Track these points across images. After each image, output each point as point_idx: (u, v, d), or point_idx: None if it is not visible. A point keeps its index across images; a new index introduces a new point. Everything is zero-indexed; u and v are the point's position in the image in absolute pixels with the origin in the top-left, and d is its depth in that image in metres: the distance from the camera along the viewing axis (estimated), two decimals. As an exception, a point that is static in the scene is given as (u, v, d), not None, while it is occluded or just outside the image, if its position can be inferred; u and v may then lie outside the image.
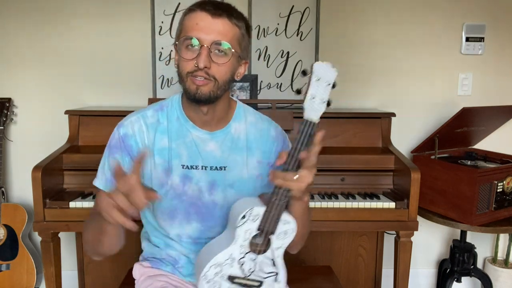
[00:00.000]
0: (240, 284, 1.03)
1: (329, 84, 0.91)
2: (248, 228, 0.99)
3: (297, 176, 0.93)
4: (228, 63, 1.02)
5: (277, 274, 1.05)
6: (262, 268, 1.03)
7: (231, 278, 1.02)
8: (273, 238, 1.01)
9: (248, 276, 1.03)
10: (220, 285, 1.02)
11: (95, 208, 1.03)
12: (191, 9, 1.03)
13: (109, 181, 1.10)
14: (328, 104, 0.93)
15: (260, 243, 1.01)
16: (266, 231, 0.99)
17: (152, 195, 0.88)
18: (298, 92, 0.94)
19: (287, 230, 1.01)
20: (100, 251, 1.05)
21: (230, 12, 1.02)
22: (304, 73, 0.93)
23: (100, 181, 1.12)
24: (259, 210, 0.98)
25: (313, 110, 0.92)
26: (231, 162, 1.14)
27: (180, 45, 1.02)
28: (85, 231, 1.08)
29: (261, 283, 1.04)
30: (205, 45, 0.99)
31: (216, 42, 1.00)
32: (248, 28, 1.08)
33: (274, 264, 1.04)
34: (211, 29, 1.00)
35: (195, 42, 0.99)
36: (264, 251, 1.02)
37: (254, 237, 1.00)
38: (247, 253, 1.01)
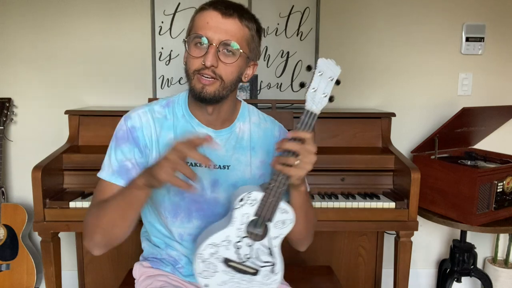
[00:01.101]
0: (235, 268, 1.03)
1: (332, 80, 0.94)
2: (245, 212, 1.00)
3: (298, 161, 0.94)
4: (235, 63, 1.03)
5: (273, 265, 1.04)
6: (259, 256, 1.03)
7: (226, 261, 1.03)
8: (271, 226, 1.01)
9: (244, 262, 1.03)
10: (215, 266, 1.03)
11: (98, 196, 1.06)
12: (203, 8, 1.04)
13: (115, 172, 1.07)
14: (331, 99, 0.96)
15: (257, 229, 1.01)
16: (263, 217, 1.00)
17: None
18: (302, 85, 0.99)
19: (285, 220, 1.01)
20: (112, 237, 1.03)
21: (241, 13, 1.03)
22: (309, 68, 0.98)
23: (107, 173, 1.08)
24: (257, 195, 0.99)
25: (314, 102, 0.95)
26: (235, 161, 1.14)
27: (190, 42, 1.03)
28: (94, 218, 1.03)
29: (257, 271, 1.04)
30: (214, 44, 1.00)
31: (225, 42, 1.00)
32: (259, 30, 1.08)
33: (271, 254, 1.04)
34: (221, 28, 1.00)
35: (204, 40, 1.00)
36: (261, 238, 1.02)
37: (252, 222, 1.00)
38: (244, 237, 1.01)
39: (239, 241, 1.01)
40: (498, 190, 1.82)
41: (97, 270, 2.13)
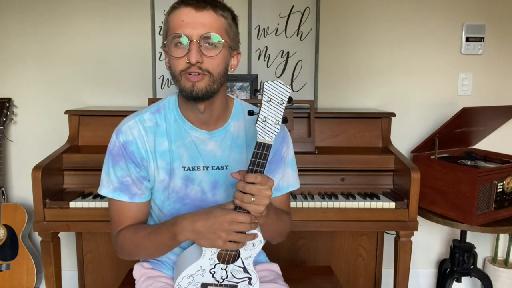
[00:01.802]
0: None
1: (283, 104, 0.88)
2: None
3: (253, 199, 0.93)
4: (220, 55, 1.01)
5: (250, 278, 1.07)
6: (234, 274, 1.05)
7: (204, 286, 1.05)
8: (241, 249, 1.03)
9: (221, 282, 1.05)
10: None
11: (116, 215, 1.11)
12: (174, 7, 1.02)
13: (117, 189, 1.09)
14: (285, 121, 0.91)
15: (228, 254, 1.03)
16: None
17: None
18: (256, 92, 0.93)
19: (254, 242, 1.02)
20: (141, 257, 1.19)
21: (214, 3, 1.01)
22: (256, 91, 0.92)
23: (108, 190, 1.10)
24: None
25: (266, 132, 0.91)
26: (232, 161, 1.13)
27: (169, 44, 1.01)
28: (132, 247, 1.09)
29: (235, 286, 1.07)
30: (194, 40, 0.98)
31: (205, 36, 0.98)
32: (234, 18, 1.07)
33: (245, 271, 1.06)
34: (198, 23, 0.98)
35: (183, 39, 0.98)
36: (234, 261, 1.04)
37: (222, 249, 1.02)
38: (216, 264, 1.03)
39: (213, 268, 1.03)
40: (498, 190, 1.82)
41: (97, 270, 2.13)
